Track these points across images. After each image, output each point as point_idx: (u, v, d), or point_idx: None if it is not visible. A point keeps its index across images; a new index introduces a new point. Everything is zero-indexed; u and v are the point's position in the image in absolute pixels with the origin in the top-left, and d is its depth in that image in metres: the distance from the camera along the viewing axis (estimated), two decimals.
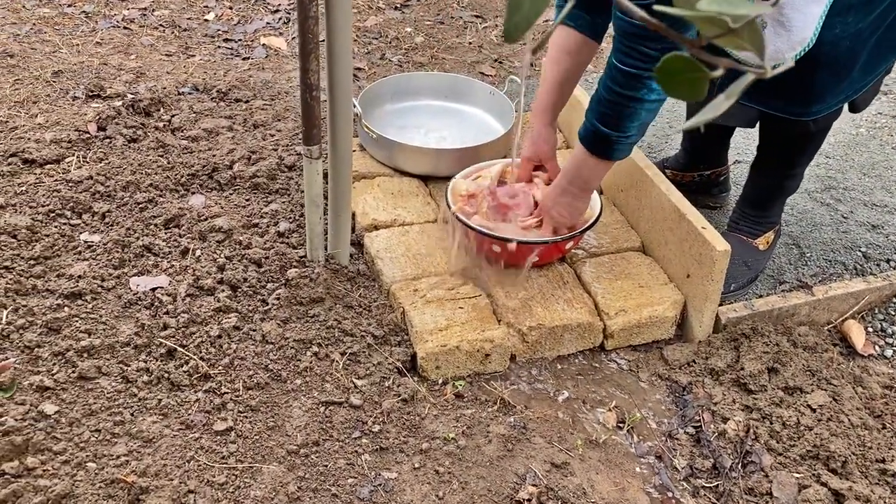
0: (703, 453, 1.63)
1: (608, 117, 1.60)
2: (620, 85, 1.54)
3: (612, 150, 1.66)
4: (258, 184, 2.12)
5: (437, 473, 1.49)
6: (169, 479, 1.39)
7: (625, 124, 1.61)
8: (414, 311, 1.77)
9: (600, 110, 1.60)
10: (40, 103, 2.44)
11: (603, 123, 1.61)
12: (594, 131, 1.63)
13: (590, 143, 1.66)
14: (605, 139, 1.63)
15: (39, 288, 1.73)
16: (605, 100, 1.58)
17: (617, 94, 1.56)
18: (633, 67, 1.51)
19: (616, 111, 1.58)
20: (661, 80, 0.55)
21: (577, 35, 1.82)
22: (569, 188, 1.75)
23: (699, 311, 1.83)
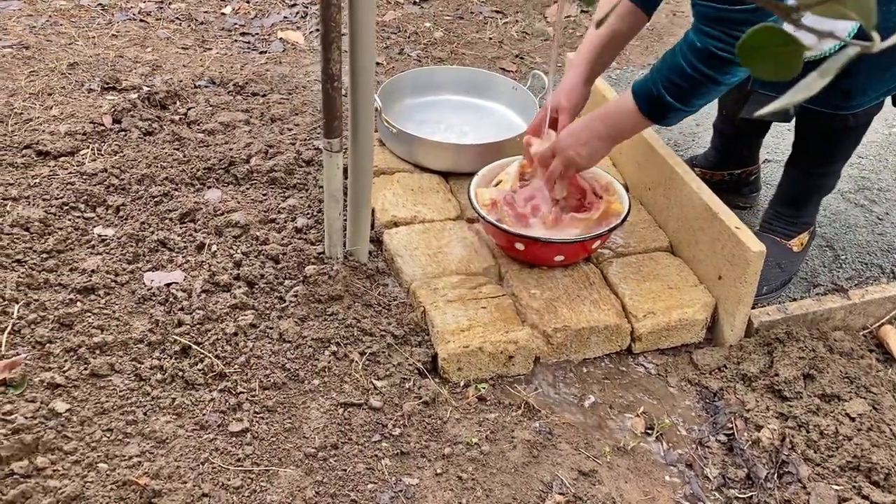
0: (736, 462, 1.56)
1: (680, 90, 1.54)
2: (708, 66, 1.48)
3: (668, 118, 1.61)
4: (275, 178, 2.07)
5: (461, 480, 1.43)
6: (182, 481, 1.34)
7: (693, 101, 1.56)
8: (435, 311, 1.71)
9: (673, 80, 1.53)
10: (55, 95, 2.40)
11: (671, 94, 1.55)
12: (658, 97, 1.57)
13: (646, 104, 1.60)
14: (666, 107, 1.57)
15: (52, 282, 1.69)
16: (684, 74, 1.51)
17: (699, 73, 1.50)
18: (726, 52, 1.45)
19: (691, 87, 1.52)
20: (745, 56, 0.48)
21: (627, 2, 1.77)
22: (601, 130, 1.68)
23: (731, 315, 1.76)
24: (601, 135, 1.69)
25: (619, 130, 1.68)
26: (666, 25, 3.41)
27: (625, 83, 2.81)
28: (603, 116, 1.68)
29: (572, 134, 1.72)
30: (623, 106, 1.65)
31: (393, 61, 2.89)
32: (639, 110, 1.61)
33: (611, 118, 1.67)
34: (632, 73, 2.91)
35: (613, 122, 1.67)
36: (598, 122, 1.69)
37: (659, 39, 3.30)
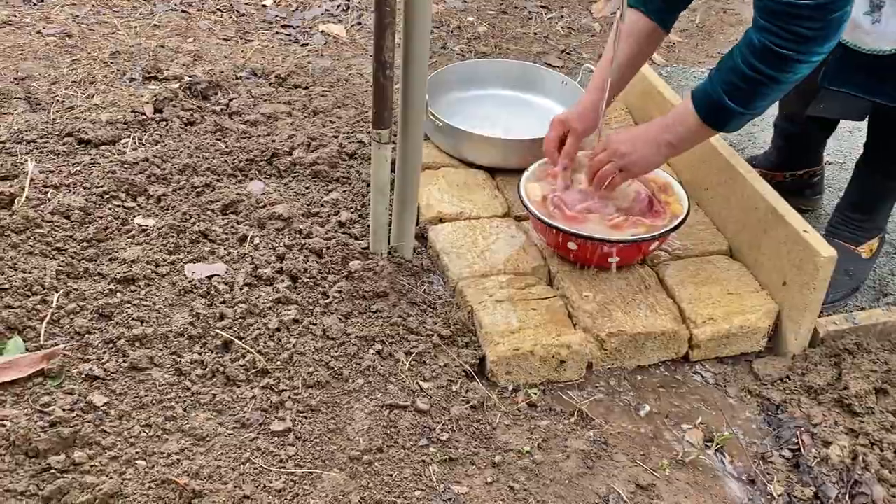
0: (802, 480, 1.47)
1: (740, 93, 1.46)
2: (765, 64, 1.41)
3: (729, 124, 1.54)
4: (318, 171, 2.02)
5: (512, 490, 1.36)
6: (223, 482, 1.28)
7: (755, 102, 1.48)
8: (483, 311, 1.64)
9: (733, 83, 1.46)
10: (97, 84, 2.38)
11: (731, 97, 1.47)
12: (717, 101, 1.49)
13: (706, 111, 1.53)
14: (727, 112, 1.50)
15: (91, 272, 1.65)
16: (744, 76, 1.44)
17: (759, 73, 1.42)
18: (786, 49, 1.38)
19: (752, 89, 1.45)
20: None
21: (644, 19, 1.70)
22: (661, 137, 1.60)
23: (795, 323, 1.67)
24: (660, 144, 1.61)
25: (680, 140, 1.60)
26: (716, 23, 3.31)
27: (674, 81, 2.72)
28: (664, 125, 1.61)
29: (631, 136, 1.64)
30: (683, 114, 1.57)
31: (436, 55, 2.82)
32: (698, 118, 1.53)
33: (672, 127, 1.59)
34: (682, 71, 2.82)
35: (673, 129, 1.59)
36: (658, 130, 1.61)
37: (709, 37, 3.20)
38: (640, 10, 1.69)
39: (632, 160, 1.64)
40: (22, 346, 1.46)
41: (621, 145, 1.65)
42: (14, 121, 2.12)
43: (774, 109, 2.16)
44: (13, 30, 2.66)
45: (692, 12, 3.32)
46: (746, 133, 2.39)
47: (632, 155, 1.63)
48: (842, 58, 1.60)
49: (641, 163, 1.64)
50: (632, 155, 1.63)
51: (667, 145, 1.61)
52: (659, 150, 1.62)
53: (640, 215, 1.73)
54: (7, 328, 1.49)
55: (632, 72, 1.77)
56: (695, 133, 1.57)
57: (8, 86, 2.28)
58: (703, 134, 1.58)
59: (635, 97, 2.26)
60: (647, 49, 1.75)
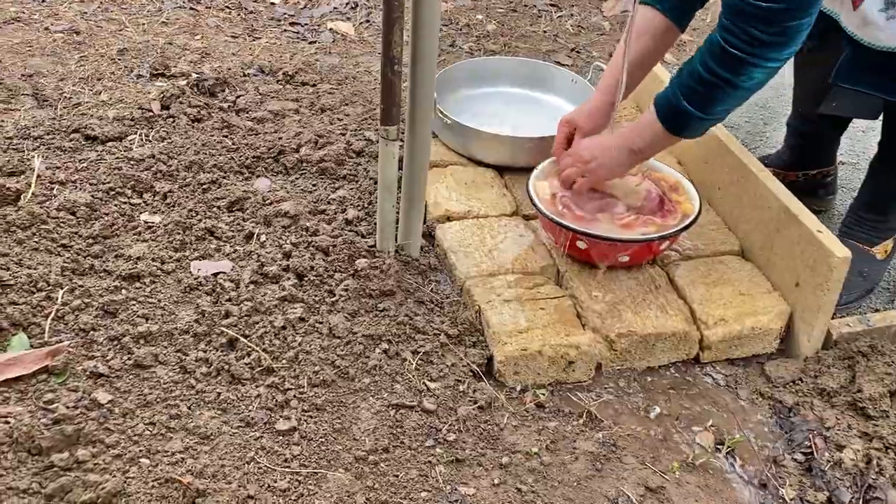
0: (815, 484, 1.44)
1: (696, 95, 1.46)
2: (720, 65, 1.41)
3: (687, 129, 1.54)
4: (325, 169, 2.00)
5: (520, 492, 1.34)
6: (227, 481, 1.27)
7: (712, 107, 1.48)
8: (491, 311, 1.62)
9: (690, 86, 1.47)
10: (104, 80, 2.37)
11: (688, 100, 1.48)
12: (675, 106, 1.50)
13: (665, 116, 1.53)
14: (685, 116, 1.50)
15: (97, 268, 1.64)
16: (700, 77, 1.44)
17: (713, 75, 1.42)
18: (739, 50, 1.38)
19: (707, 91, 1.45)
20: None
21: (659, 17, 1.67)
22: (624, 146, 1.62)
23: (808, 325, 1.64)
24: (625, 154, 1.62)
25: (645, 145, 1.60)
26: None
27: None
28: (630, 130, 1.62)
29: (595, 148, 1.65)
30: (647, 119, 1.57)
31: (444, 53, 2.80)
32: (660, 124, 1.54)
33: (636, 131, 1.60)
34: None
35: (638, 135, 1.60)
36: (623, 141, 1.62)
37: None
38: (656, 7, 1.67)
39: (592, 167, 1.66)
40: (27, 343, 1.45)
41: (584, 152, 1.67)
42: (21, 117, 2.11)
43: (788, 108, 2.13)
44: (21, 26, 2.66)
45: (704, 11, 3.28)
46: (758, 132, 2.36)
47: (593, 162, 1.66)
48: (854, 55, 1.57)
49: (602, 169, 1.66)
50: (593, 162, 1.66)
51: (630, 152, 1.62)
52: (623, 156, 1.63)
53: (650, 214, 1.71)
54: (12, 324, 1.48)
55: (644, 71, 1.75)
56: (658, 139, 1.58)
57: (15, 82, 2.28)
58: (665, 140, 1.57)
59: (647, 96, 2.23)
60: (661, 48, 1.73)
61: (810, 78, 1.90)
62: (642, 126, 1.59)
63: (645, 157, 1.65)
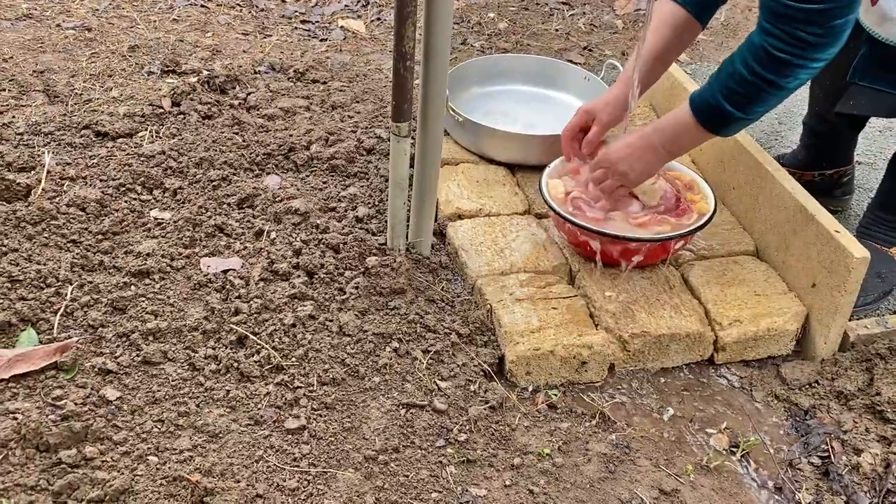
0: (832, 489, 1.42)
1: (738, 97, 1.43)
2: (765, 68, 1.38)
3: (727, 128, 1.50)
4: (336, 166, 1.99)
5: (532, 494, 1.32)
6: (235, 480, 1.26)
7: (753, 108, 1.45)
8: (502, 310, 1.60)
9: (731, 87, 1.43)
10: (115, 77, 2.37)
11: (729, 101, 1.44)
12: (716, 106, 1.46)
13: (704, 115, 1.50)
14: (725, 116, 1.47)
15: (106, 264, 1.63)
16: (742, 79, 1.40)
17: (759, 77, 1.39)
18: (786, 53, 1.35)
19: (750, 93, 1.41)
20: None
21: (680, 11, 1.65)
22: (657, 147, 1.57)
23: (825, 326, 1.61)
24: (659, 154, 1.58)
25: (676, 144, 1.57)
26: (741, 21, 3.25)
27: (698, 79, 2.66)
28: (659, 129, 1.57)
29: (627, 146, 1.61)
30: (680, 118, 1.53)
31: (456, 51, 2.79)
32: (696, 122, 1.50)
33: (668, 131, 1.56)
34: (707, 69, 2.77)
35: (671, 135, 1.56)
36: (653, 135, 1.58)
37: (733, 35, 3.14)
38: (677, 1, 1.64)
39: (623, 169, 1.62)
40: (35, 339, 1.45)
41: (619, 163, 1.62)
42: (32, 113, 2.11)
43: (803, 107, 2.10)
44: (33, 23, 2.66)
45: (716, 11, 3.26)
46: (773, 132, 2.33)
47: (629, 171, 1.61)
48: (872, 52, 1.55)
49: (633, 173, 1.62)
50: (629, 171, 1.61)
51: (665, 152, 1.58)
52: (657, 157, 1.59)
53: (666, 213, 1.69)
54: (21, 320, 1.47)
55: (664, 65, 1.72)
56: (692, 137, 1.55)
57: (27, 78, 2.28)
58: (699, 138, 1.55)
59: (661, 95, 2.21)
60: (682, 42, 1.70)
61: (827, 76, 1.87)
62: (673, 125, 1.55)
63: (674, 157, 1.61)
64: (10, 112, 2.11)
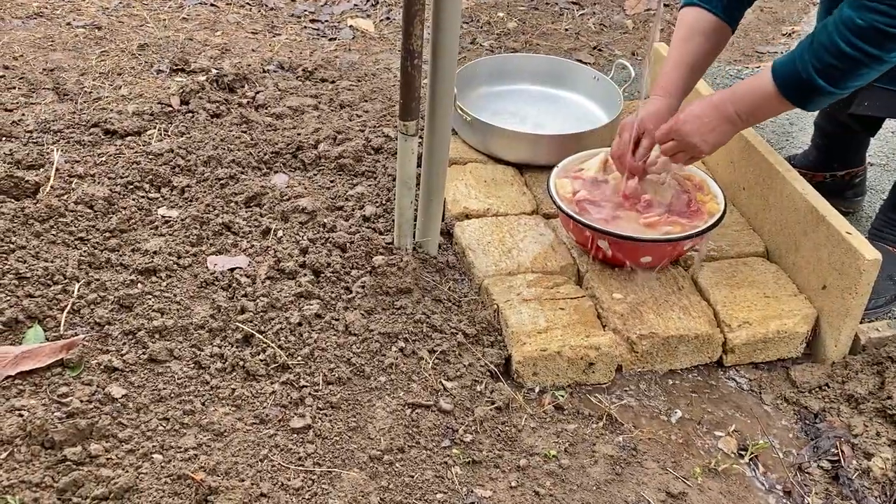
0: (842, 493, 1.40)
1: (835, 72, 1.38)
2: (872, 45, 1.33)
3: (815, 102, 1.46)
4: (343, 165, 1.99)
5: (538, 495, 1.31)
6: (240, 479, 1.25)
7: (849, 82, 1.41)
8: (509, 310, 1.60)
9: (827, 61, 1.38)
10: (125, 75, 2.37)
11: (824, 77, 1.39)
12: (807, 80, 1.41)
13: (791, 87, 1.44)
14: (815, 91, 1.42)
15: (113, 262, 1.63)
16: (843, 54, 1.35)
17: (859, 51, 1.34)
18: (886, 25, 1.31)
19: (849, 68, 1.37)
20: None
21: (708, 16, 1.63)
22: (732, 114, 1.52)
23: (835, 329, 1.60)
24: (731, 118, 1.52)
25: (751, 114, 1.52)
26: (752, 21, 3.23)
27: (710, 79, 2.65)
28: (733, 99, 1.52)
29: (697, 116, 1.54)
30: (760, 87, 1.48)
31: (465, 51, 2.78)
32: (779, 93, 1.45)
33: (744, 100, 1.50)
34: (717, 69, 2.75)
35: (747, 104, 1.50)
36: (727, 105, 1.52)
37: (744, 35, 3.12)
38: (704, 7, 1.62)
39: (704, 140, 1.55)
40: (42, 336, 1.45)
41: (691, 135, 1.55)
42: (42, 111, 2.11)
43: None
44: (43, 21, 2.67)
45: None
46: (784, 132, 2.31)
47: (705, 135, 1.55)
48: None
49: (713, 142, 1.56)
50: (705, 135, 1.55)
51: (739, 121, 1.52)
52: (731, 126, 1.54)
53: (678, 214, 1.67)
54: (27, 317, 1.47)
55: (698, 74, 1.69)
56: (772, 108, 1.50)
57: (37, 76, 2.28)
58: (781, 110, 1.50)
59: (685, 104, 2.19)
60: (715, 48, 1.67)
61: None
62: (754, 95, 1.49)
63: (746, 126, 1.57)
64: (20, 110, 2.11)
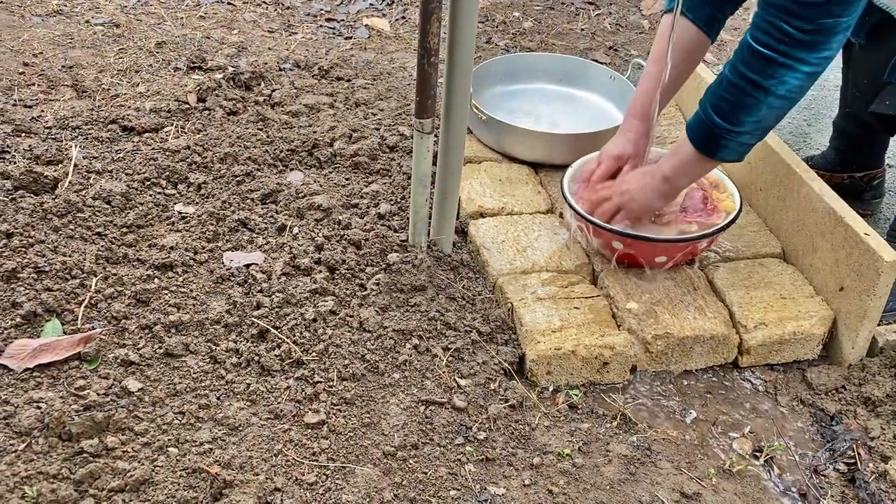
0: (858, 496, 1.39)
1: (724, 104, 1.38)
2: (748, 67, 1.33)
3: (720, 147, 1.44)
4: (359, 163, 1.99)
5: (551, 494, 1.30)
6: (254, 473, 1.26)
7: (739, 116, 1.38)
8: (524, 308, 1.59)
9: (718, 94, 1.39)
10: (142, 73, 2.39)
11: (716, 111, 1.40)
12: (704, 119, 1.43)
13: (695, 134, 1.47)
14: (713, 131, 1.42)
15: (130, 257, 1.64)
16: (728, 83, 1.36)
17: (742, 77, 1.34)
18: (768, 48, 1.29)
19: (735, 98, 1.36)
20: None
21: (690, 29, 1.60)
22: (668, 176, 1.55)
23: (852, 331, 1.58)
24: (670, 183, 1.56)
25: (680, 172, 1.54)
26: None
27: None
28: (671, 165, 1.55)
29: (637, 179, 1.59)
30: (681, 148, 1.51)
31: (480, 50, 2.78)
32: (692, 146, 1.47)
33: (675, 162, 1.54)
34: None
35: (673, 162, 1.54)
36: (668, 169, 1.55)
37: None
38: (687, 16, 1.60)
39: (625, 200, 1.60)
40: (59, 329, 1.46)
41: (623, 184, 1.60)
42: (60, 107, 2.13)
43: (832, 109, 2.07)
44: (63, 18, 2.70)
45: (745, 10, 3.23)
46: (802, 133, 2.29)
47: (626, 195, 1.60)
48: None
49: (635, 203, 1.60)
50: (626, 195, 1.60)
51: (664, 181, 1.55)
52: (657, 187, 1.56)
53: (694, 213, 1.67)
54: (46, 310, 1.48)
55: (674, 88, 1.69)
56: (692, 164, 1.51)
57: (56, 73, 2.31)
58: (699, 165, 1.50)
59: (688, 94, 2.19)
60: (693, 62, 1.67)
61: (862, 75, 1.84)
62: (680, 155, 1.52)
63: (681, 186, 1.58)
64: (40, 106, 2.14)
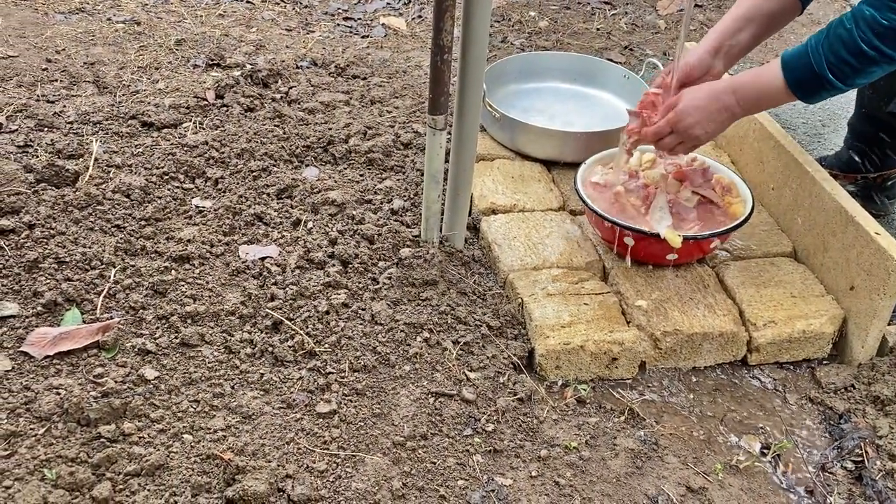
0: (865, 494, 1.39)
1: (848, 69, 1.36)
2: (887, 43, 1.32)
3: (819, 97, 1.44)
4: (373, 159, 2.02)
5: (557, 485, 1.32)
6: (267, 460, 1.29)
7: (858, 80, 1.39)
8: (534, 304, 1.61)
9: (843, 58, 1.35)
10: (162, 69, 2.43)
11: (835, 73, 1.37)
12: (819, 75, 1.39)
13: (800, 81, 1.42)
14: (823, 86, 1.40)
15: (148, 249, 1.68)
16: (860, 53, 1.34)
17: (877, 51, 1.33)
18: None
19: (863, 66, 1.35)
20: None
21: None
22: (733, 104, 1.49)
23: (863, 330, 1.59)
24: (731, 108, 1.49)
25: (754, 104, 1.49)
26: None
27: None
28: (735, 87, 1.49)
29: (698, 108, 1.51)
30: (766, 78, 1.45)
31: (495, 49, 2.80)
32: (787, 86, 1.42)
33: (746, 90, 1.47)
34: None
35: (750, 94, 1.47)
36: (729, 94, 1.49)
37: (778, 36, 3.09)
38: None
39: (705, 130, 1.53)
40: (79, 318, 1.50)
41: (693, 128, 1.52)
42: (82, 103, 2.18)
43: (846, 109, 2.06)
44: (85, 16, 2.75)
45: None
46: (816, 133, 2.29)
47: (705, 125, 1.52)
48: None
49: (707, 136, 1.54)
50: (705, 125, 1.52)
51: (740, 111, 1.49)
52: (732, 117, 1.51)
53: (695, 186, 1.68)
54: (66, 300, 1.52)
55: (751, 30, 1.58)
56: (777, 100, 1.47)
57: (78, 69, 2.35)
58: (781, 101, 1.48)
59: None
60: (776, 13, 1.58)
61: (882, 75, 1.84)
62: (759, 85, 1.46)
63: (746, 115, 1.53)
64: (62, 101, 2.18)
